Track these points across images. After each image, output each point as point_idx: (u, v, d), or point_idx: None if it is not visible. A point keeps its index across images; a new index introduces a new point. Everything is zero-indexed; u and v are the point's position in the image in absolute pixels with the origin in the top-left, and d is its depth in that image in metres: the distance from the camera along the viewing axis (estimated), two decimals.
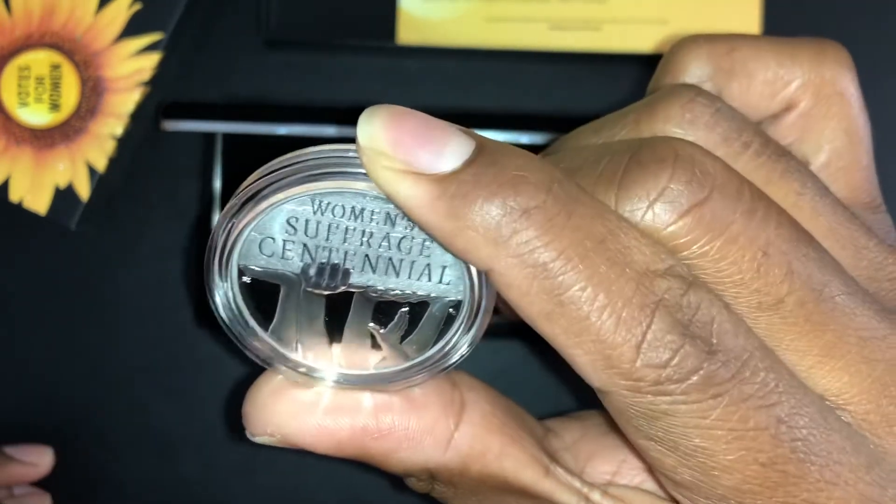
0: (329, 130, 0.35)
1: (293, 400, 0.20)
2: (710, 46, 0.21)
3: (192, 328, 0.38)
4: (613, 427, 0.22)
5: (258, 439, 0.20)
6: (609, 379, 0.17)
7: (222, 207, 0.37)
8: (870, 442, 0.18)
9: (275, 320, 0.19)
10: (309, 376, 0.20)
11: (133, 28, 0.36)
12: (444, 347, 0.19)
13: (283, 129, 0.35)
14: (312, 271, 0.19)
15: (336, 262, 0.19)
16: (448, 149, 0.17)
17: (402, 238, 0.18)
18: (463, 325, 0.19)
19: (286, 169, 0.18)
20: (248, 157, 0.37)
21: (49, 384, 0.39)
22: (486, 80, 0.38)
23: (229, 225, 0.18)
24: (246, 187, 0.18)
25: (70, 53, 0.36)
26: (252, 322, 0.19)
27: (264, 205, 0.18)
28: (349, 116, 0.36)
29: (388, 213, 0.18)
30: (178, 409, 0.39)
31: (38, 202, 0.36)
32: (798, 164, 0.20)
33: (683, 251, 0.18)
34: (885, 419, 0.18)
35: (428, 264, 0.19)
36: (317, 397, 0.20)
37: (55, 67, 0.36)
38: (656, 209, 0.17)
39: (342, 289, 0.19)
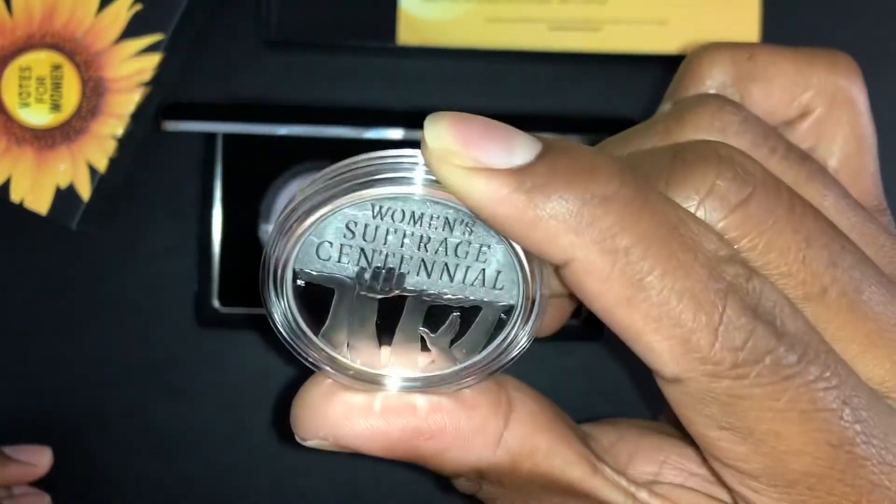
0: (330, 131, 0.35)
1: (344, 402, 0.20)
2: (731, 52, 0.22)
3: (192, 328, 0.38)
4: (649, 429, 0.22)
5: (309, 443, 0.20)
6: (689, 364, 0.17)
7: (223, 207, 0.37)
8: None
9: (326, 324, 0.19)
10: (359, 379, 0.20)
11: (134, 29, 0.36)
12: (494, 351, 0.20)
13: (283, 129, 0.36)
14: (367, 275, 0.19)
15: (391, 266, 0.19)
16: (517, 145, 0.17)
17: (459, 243, 0.19)
18: (514, 330, 0.19)
19: (345, 175, 0.18)
20: (248, 157, 0.37)
21: (49, 384, 0.39)
22: (486, 80, 0.38)
23: (288, 229, 0.18)
24: (305, 194, 0.18)
25: (71, 54, 0.36)
26: (304, 325, 0.19)
27: (324, 210, 0.18)
28: (350, 117, 0.36)
29: (446, 219, 0.18)
30: (178, 408, 0.39)
31: (39, 202, 0.36)
32: (820, 167, 0.20)
33: (734, 246, 0.18)
34: None
35: (483, 269, 0.19)
36: (368, 399, 0.20)
37: (56, 68, 0.36)
38: (707, 206, 0.18)
39: (396, 293, 0.19)
